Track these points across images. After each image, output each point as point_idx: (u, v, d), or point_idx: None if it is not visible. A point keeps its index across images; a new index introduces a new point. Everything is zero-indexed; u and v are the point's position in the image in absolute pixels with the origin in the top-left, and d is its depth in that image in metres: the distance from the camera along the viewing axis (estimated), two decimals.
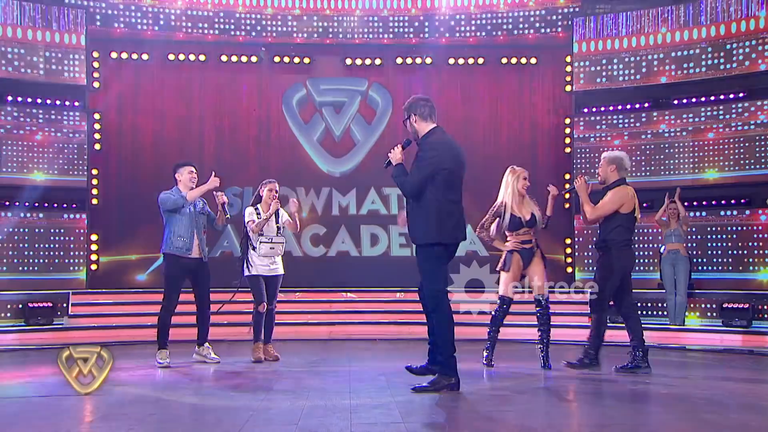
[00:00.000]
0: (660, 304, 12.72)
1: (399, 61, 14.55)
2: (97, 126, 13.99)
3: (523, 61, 14.60)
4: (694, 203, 13.33)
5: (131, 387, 6.70)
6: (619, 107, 14.04)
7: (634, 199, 7.68)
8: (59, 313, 12.46)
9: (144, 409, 5.50)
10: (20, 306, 12.22)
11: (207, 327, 8.50)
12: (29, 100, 13.46)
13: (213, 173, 8.29)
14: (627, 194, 7.64)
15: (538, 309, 8.03)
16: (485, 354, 8.07)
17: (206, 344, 8.51)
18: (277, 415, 5.26)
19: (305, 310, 13.09)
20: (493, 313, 8.10)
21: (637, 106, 13.99)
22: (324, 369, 7.96)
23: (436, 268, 6.30)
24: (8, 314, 12.28)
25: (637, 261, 13.35)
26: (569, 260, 14.29)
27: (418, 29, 14.68)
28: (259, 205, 8.83)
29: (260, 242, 8.63)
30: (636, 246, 13.50)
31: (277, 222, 8.83)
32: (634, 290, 12.83)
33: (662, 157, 13.65)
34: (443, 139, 6.40)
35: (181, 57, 14.27)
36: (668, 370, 8.42)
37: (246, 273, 8.72)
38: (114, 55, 14.12)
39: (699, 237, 13.18)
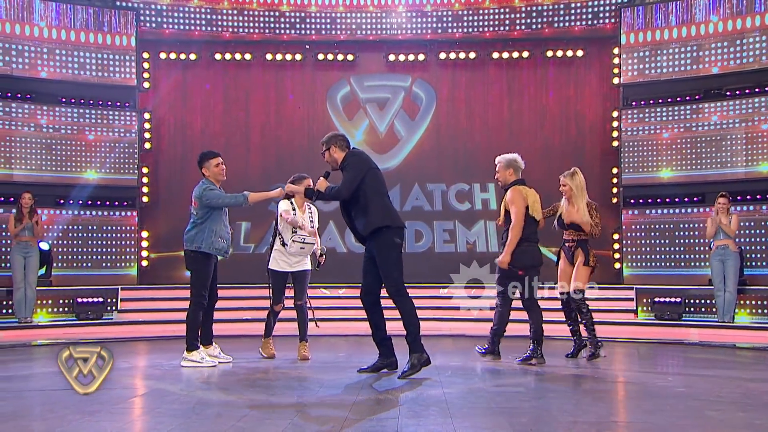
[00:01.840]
0: (709, 301, 12.38)
1: (442, 56, 14.50)
2: (147, 125, 14.34)
3: (569, 53, 14.38)
4: (747, 197, 12.95)
5: (151, 381, 6.87)
6: (669, 99, 13.70)
7: (527, 198, 8.04)
8: (109, 308, 12.83)
9: (151, 403, 5.64)
10: (71, 301, 12.61)
11: (212, 325, 8.33)
12: (82, 101, 13.86)
13: (280, 188, 8.10)
14: (521, 192, 8.03)
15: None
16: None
17: (214, 344, 8.29)
18: (276, 410, 5.33)
19: (348, 306, 13.12)
20: None
21: (688, 97, 13.62)
22: (347, 365, 7.97)
23: (396, 255, 7.02)
24: (59, 309, 12.71)
25: (680, 257, 13.20)
26: (617, 255, 14.00)
27: (462, 24, 14.59)
28: (293, 199, 8.63)
29: (293, 240, 8.42)
30: (686, 241, 13.24)
31: (311, 224, 8.73)
32: (682, 286, 12.68)
33: (714, 150, 13.27)
34: (359, 151, 7.49)
35: (228, 56, 14.53)
36: (701, 367, 8.23)
37: (270, 266, 8.61)
38: (163, 55, 14.45)
39: (753, 232, 12.79)
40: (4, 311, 12.33)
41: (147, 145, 14.35)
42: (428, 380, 6.67)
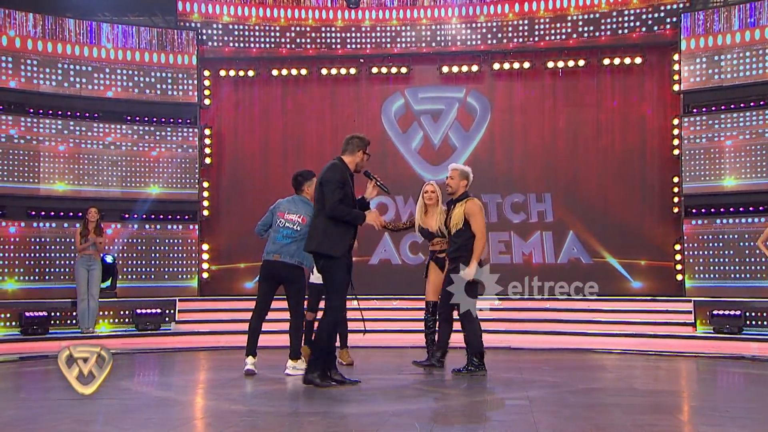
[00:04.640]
0: None
1: (496, 66, 14.38)
2: (207, 141, 14.73)
3: (627, 61, 14.04)
4: None
5: (160, 391, 7.03)
6: (732, 106, 13.23)
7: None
8: (167, 319, 13.22)
9: (147, 413, 5.76)
10: (131, 312, 13.04)
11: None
12: (146, 118, 14.34)
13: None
14: (480, 205, 8.09)
15: None
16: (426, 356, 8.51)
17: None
18: (267, 421, 5.38)
19: (401, 318, 13.09)
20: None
21: (752, 103, 13.12)
22: (368, 377, 7.92)
23: None
24: (120, 320, 13.15)
25: (745, 268, 12.71)
26: (679, 267, 13.57)
27: (516, 34, 14.46)
28: None
29: None
30: (751, 252, 12.73)
31: None
32: (742, 298, 12.19)
33: None
34: None
35: (284, 72, 14.79)
36: (740, 382, 7.90)
37: None
38: (223, 73, 14.83)
39: None
40: (69, 322, 12.83)
41: (207, 160, 14.73)
42: (438, 391, 6.62)
